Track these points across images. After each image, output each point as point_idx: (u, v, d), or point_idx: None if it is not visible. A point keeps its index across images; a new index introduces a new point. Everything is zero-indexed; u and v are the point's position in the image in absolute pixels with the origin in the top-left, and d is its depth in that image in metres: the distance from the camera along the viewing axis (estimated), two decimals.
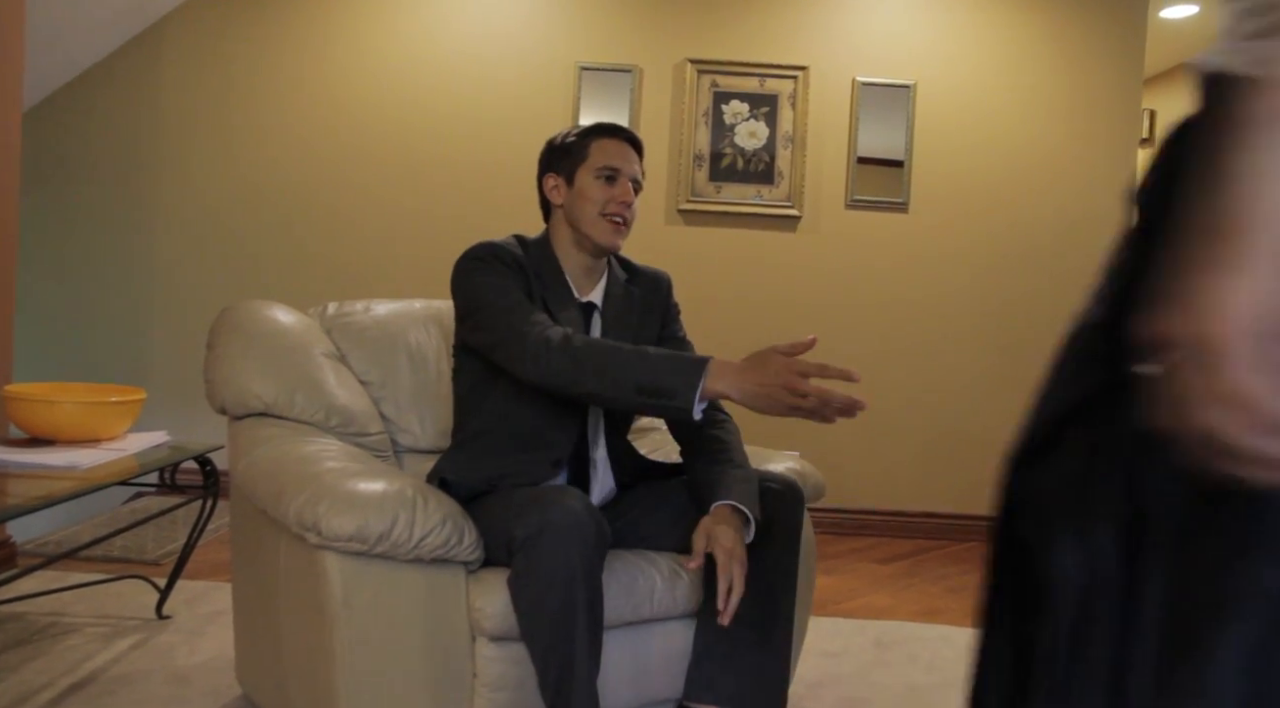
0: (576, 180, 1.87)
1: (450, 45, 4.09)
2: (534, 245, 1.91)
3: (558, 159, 1.91)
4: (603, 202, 1.83)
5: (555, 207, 1.92)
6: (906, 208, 4.13)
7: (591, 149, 1.87)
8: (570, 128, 1.95)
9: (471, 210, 4.11)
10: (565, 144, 1.90)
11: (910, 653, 2.65)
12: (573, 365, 1.61)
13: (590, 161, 1.86)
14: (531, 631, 1.52)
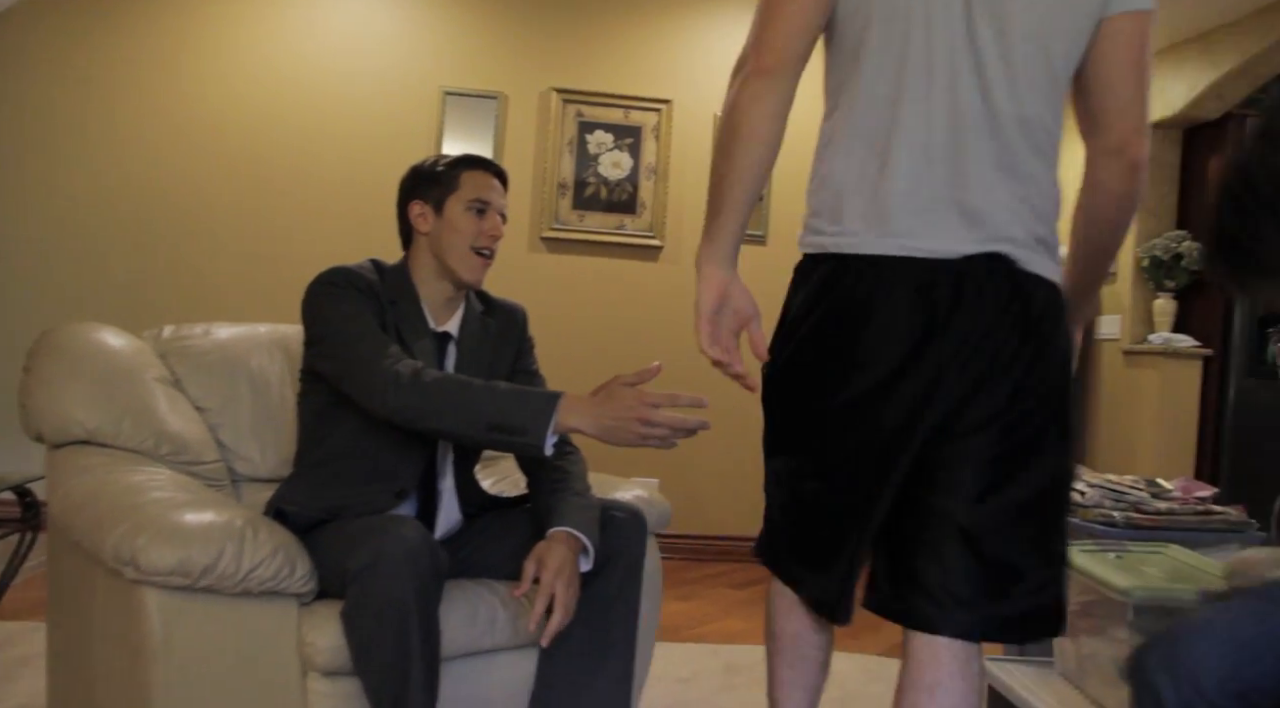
0: (446, 210, 1.84)
1: (312, 63, 4.01)
2: (391, 272, 1.86)
3: (425, 187, 1.87)
4: (473, 235, 1.82)
5: (419, 234, 1.87)
6: (765, 241, 4.25)
7: (462, 180, 1.85)
8: (436, 156, 1.91)
9: (328, 232, 4.02)
10: (434, 172, 1.87)
11: (758, 677, 2.69)
12: (423, 401, 1.58)
13: (461, 192, 1.84)
14: (365, 665, 1.49)
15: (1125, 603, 1.67)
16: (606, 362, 4.13)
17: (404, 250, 1.93)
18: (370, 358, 1.64)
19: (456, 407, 1.57)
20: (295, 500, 1.74)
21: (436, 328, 1.87)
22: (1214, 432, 4.71)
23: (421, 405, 1.58)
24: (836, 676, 2.72)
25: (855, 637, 3.18)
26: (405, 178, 1.92)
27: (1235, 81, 4.56)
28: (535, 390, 1.63)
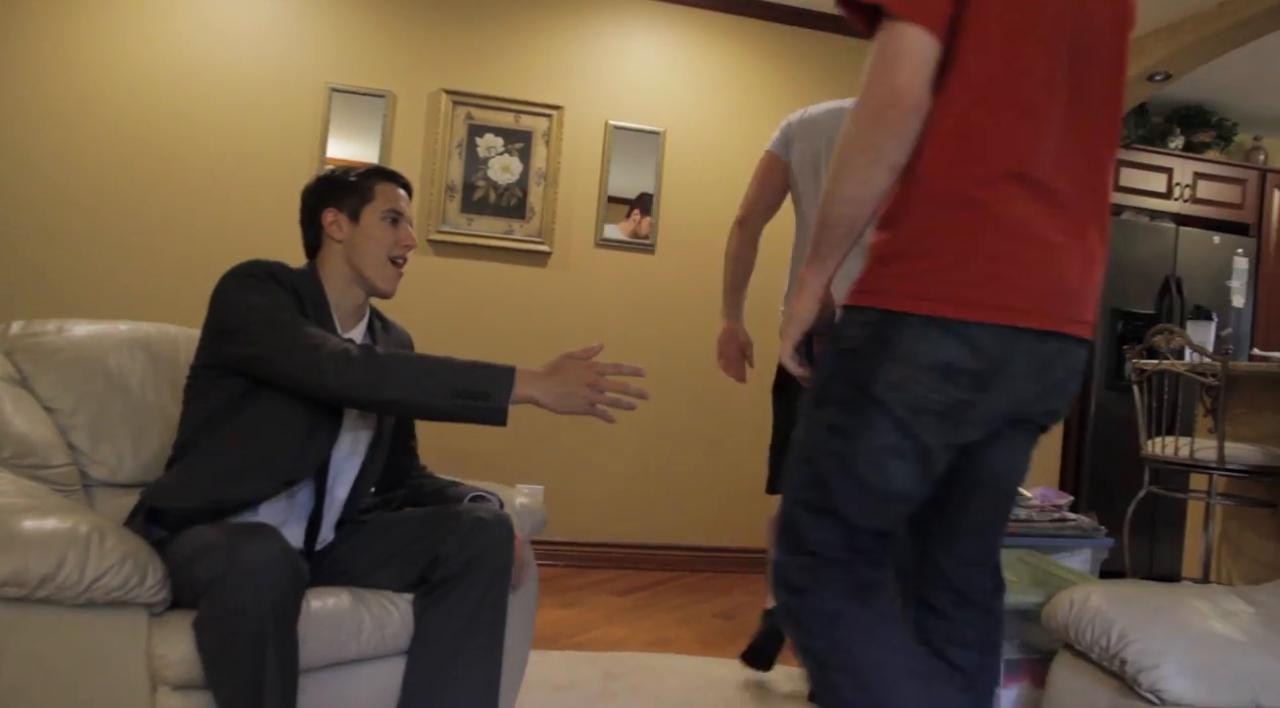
0: (362, 219, 1.85)
1: (193, 51, 3.86)
2: (300, 277, 1.83)
3: (340, 195, 1.87)
4: (389, 244, 1.86)
5: (333, 242, 1.86)
6: (653, 249, 4.28)
7: (377, 191, 1.87)
8: (345, 168, 1.92)
9: (206, 227, 3.87)
10: (348, 182, 1.87)
11: (636, 683, 2.71)
12: (377, 374, 1.60)
13: (376, 203, 1.86)
14: (217, 679, 1.43)
15: None
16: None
17: (309, 257, 1.91)
18: (309, 340, 1.64)
19: (417, 376, 1.60)
20: (176, 495, 1.67)
21: (343, 335, 1.86)
22: (1076, 442, 4.96)
23: (376, 380, 1.60)
24: (715, 682, 2.75)
25: (736, 644, 3.22)
26: (315, 186, 1.91)
27: None
28: (492, 364, 1.65)
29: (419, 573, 1.75)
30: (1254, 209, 5.34)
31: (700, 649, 3.11)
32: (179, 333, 2.24)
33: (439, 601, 1.70)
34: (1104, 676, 1.49)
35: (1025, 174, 1.23)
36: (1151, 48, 4.33)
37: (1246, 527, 3.61)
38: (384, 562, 1.79)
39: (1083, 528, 2.37)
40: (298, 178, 3.96)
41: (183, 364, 2.17)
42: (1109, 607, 1.50)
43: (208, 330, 1.79)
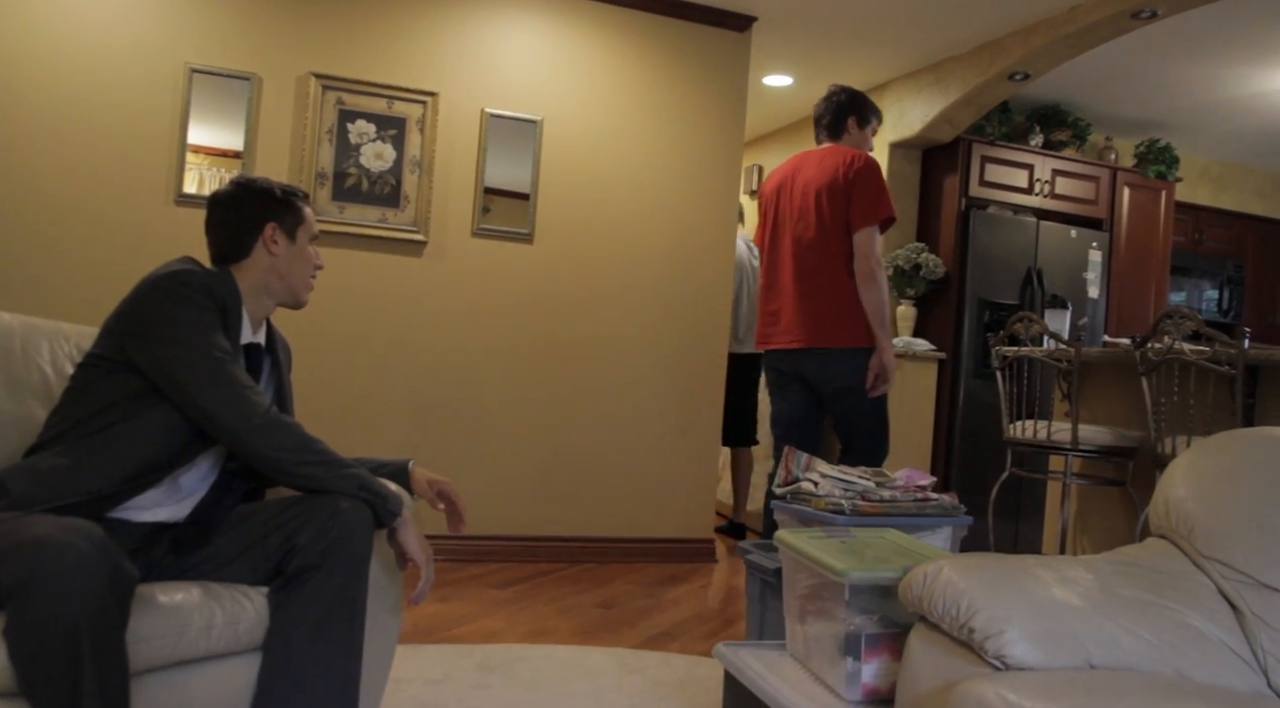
0: (298, 239, 1.95)
1: (35, 27, 3.62)
2: (218, 280, 1.84)
3: (280, 212, 1.93)
4: (312, 264, 1.98)
5: (267, 255, 1.91)
6: (532, 239, 4.25)
7: (306, 214, 1.98)
8: (272, 182, 1.96)
9: (53, 216, 3.65)
10: (286, 201, 1.95)
11: (512, 674, 2.68)
12: (302, 448, 1.71)
13: (306, 226, 1.97)
14: (30, 690, 1.34)
15: (843, 584, 1.77)
16: (368, 357, 4.00)
17: (223, 264, 1.92)
18: (243, 391, 1.70)
19: (332, 464, 1.72)
20: (34, 480, 1.62)
21: (249, 339, 1.91)
22: (947, 425, 5.14)
23: (300, 451, 1.71)
24: (592, 670, 2.75)
25: (615, 632, 3.22)
26: (257, 197, 1.93)
27: (962, 109, 5.00)
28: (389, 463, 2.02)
29: (275, 564, 1.68)
30: (1106, 205, 5.64)
31: (578, 639, 3.10)
32: (14, 321, 2.10)
33: (294, 593, 1.64)
34: (955, 645, 1.54)
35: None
36: (1010, 48, 4.52)
37: (1099, 505, 3.80)
38: (239, 553, 1.72)
39: (944, 507, 2.45)
40: (156, 163, 3.77)
41: (18, 354, 2.04)
42: (958, 578, 1.54)
43: (121, 324, 1.75)
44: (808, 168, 3.36)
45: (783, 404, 3.47)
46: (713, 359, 4.56)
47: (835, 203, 3.21)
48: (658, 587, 3.93)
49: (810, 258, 3.27)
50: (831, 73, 5.22)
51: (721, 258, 4.58)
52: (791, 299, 3.31)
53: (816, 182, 3.27)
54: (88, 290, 3.65)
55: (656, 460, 4.44)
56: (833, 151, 3.34)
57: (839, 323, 3.21)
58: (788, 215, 3.36)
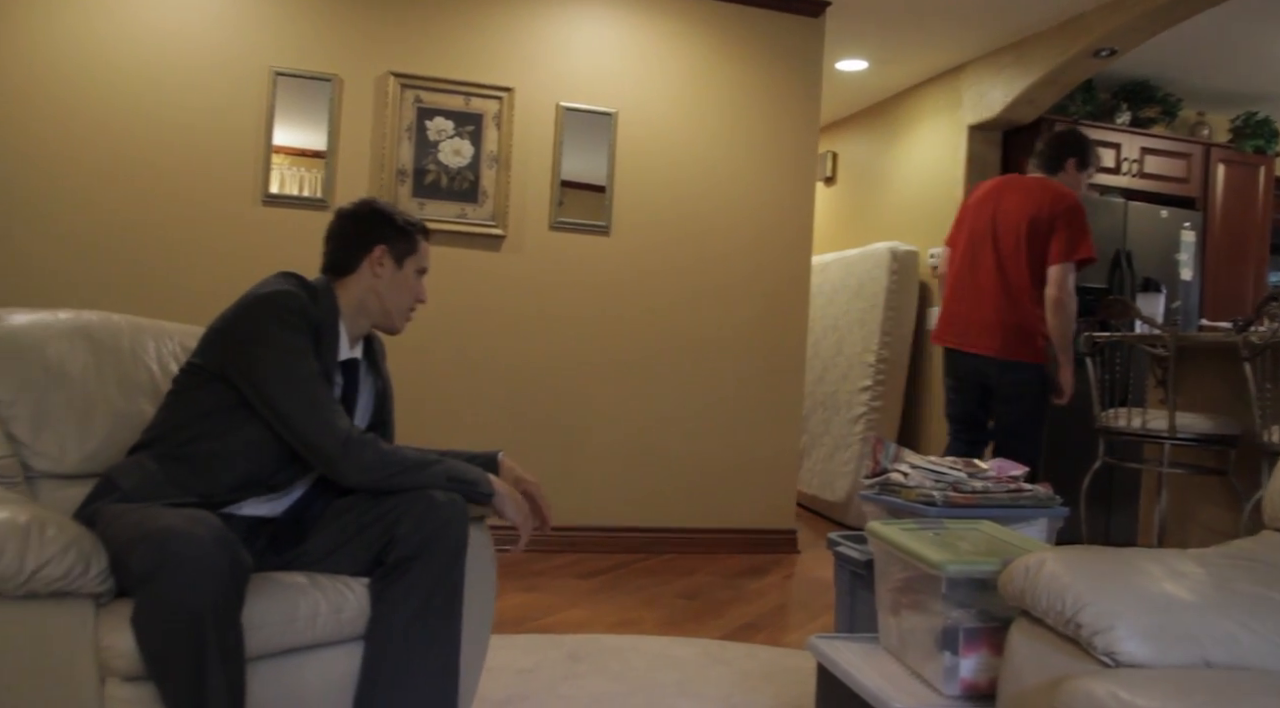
0: (405, 267, 1.97)
1: (129, 37, 3.75)
2: (320, 296, 1.88)
3: (393, 236, 1.95)
4: (414, 296, 2.01)
5: (371, 276, 1.93)
6: (608, 231, 4.26)
7: (420, 246, 2.00)
8: (393, 209, 1.99)
9: (148, 218, 3.78)
10: (403, 228, 1.97)
11: (600, 664, 2.70)
12: (385, 465, 1.74)
13: (416, 257, 1.99)
14: (159, 674, 1.41)
15: (940, 577, 1.74)
16: (450, 350, 4.06)
17: (331, 275, 1.96)
18: (331, 419, 1.74)
19: (418, 468, 1.76)
20: (143, 480, 1.70)
21: (346, 355, 1.93)
22: None
23: (383, 466, 1.75)
24: (679, 661, 2.76)
25: (700, 622, 3.22)
26: (372, 217, 1.97)
27: (1044, 89, 4.86)
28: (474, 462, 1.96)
29: (374, 556, 1.72)
30: (1199, 183, 5.44)
31: (664, 630, 3.11)
32: (123, 321, 2.18)
33: (395, 583, 1.68)
34: (1060, 641, 1.50)
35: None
36: (1095, 23, 4.38)
37: (1198, 495, 3.68)
38: (339, 546, 1.76)
39: (1039, 498, 2.40)
40: (243, 164, 3.88)
41: (126, 352, 2.12)
42: (1063, 572, 1.51)
43: (220, 339, 1.80)
44: (1016, 192, 3.55)
45: (961, 403, 3.67)
46: (793, 347, 4.52)
47: (1037, 233, 3.44)
48: (740, 578, 3.92)
49: (1010, 279, 3.49)
50: (907, 56, 5.13)
51: (800, 246, 4.53)
52: (988, 311, 3.52)
53: (1025, 209, 3.48)
54: (183, 288, 3.78)
55: (737, 450, 4.42)
56: (1043, 184, 3.52)
57: (1024, 339, 3.46)
58: (989, 231, 3.56)
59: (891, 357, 5.18)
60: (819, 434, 5.54)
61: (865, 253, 5.46)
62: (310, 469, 1.83)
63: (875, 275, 5.27)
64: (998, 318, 3.49)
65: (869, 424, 5.13)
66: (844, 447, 5.24)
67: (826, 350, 5.62)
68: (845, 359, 5.42)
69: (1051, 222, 3.41)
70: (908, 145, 5.67)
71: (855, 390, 5.25)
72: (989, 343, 3.50)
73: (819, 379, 5.62)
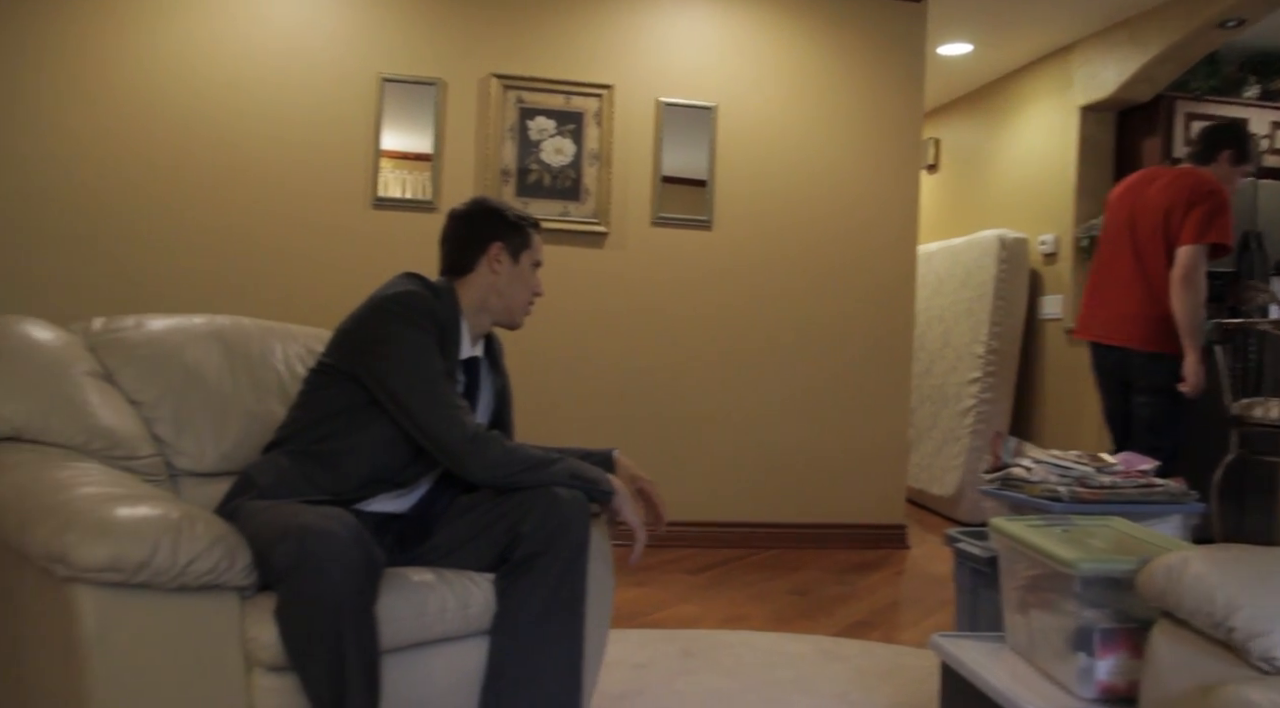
0: (521, 262, 2.00)
1: (245, 49, 3.90)
2: (442, 295, 1.92)
3: (509, 233, 1.99)
4: (532, 289, 2.03)
5: (489, 273, 1.97)
6: (710, 226, 4.25)
7: (533, 240, 2.02)
8: (505, 205, 2.03)
9: (263, 223, 3.93)
10: (516, 224, 2.00)
11: (714, 660, 2.70)
12: (510, 462, 1.77)
13: (531, 251, 2.02)
14: (301, 664, 1.46)
15: (1073, 576, 1.69)
16: (557, 348, 4.11)
17: (449, 275, 2.00)
18: (458, 416, 1.77)
19: (540, 466, 1.78)
20: (278, 477, 1.77)
21: (468, 354, 1.97)
22: None
23: (508, 464, 1.77)
24: (793, 657, 2.74)
25: (811, 619, 3.19)
26: (487, 215, 2.00)
27: (1163, 65, 4.65)
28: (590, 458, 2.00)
29: (499, 552, 1.75)
30: None
31: (775, 626, 3.09)
32: (252, 325, 2.27)
33: (520, 579, 1.70)
34: (1209, 645, 1.43)
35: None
36: None
37: None
38: (464, 543, 1.80)
39: (1172, 493, 2.30)
40: (353, 169, 3.99)
41: (256, 355, 2.20)
42: (1211, 572, 1.44)
43: (348, 339, 1.86)
44: (1158, 182, 3.49)
45: (1108, 401, 3.65)
46: (900, 339, 4.44)
47: (1173, 222, 3.37)
48: (850, 574, 3.87)
49: (1148, 269, 3.43)
50: (1014, 37, 4.97)
51: (905, 235, 4.44)
52: (1127, 303, 3.48)
53: (1164, 198, 3.40)
54: (297, 291, 3.91)
55: (844, 444, 4.37)
56: (1188, 173, 3.43)
57: (1164, 329, 3.38)
58: (1128, 222, 3.50)
59: (1002, 348, 5.03)
60: (926, 428, 5.42)
61: (972, 241, 5.32)
62: (435, 466, 1.88)
63: (983, 264, 5.12)
64: (1137, 309, 3.43)
65: (979, 417, 5.00)
66: (953, 440, 5.12)
67: (932, 342, 5.50)
68: (953, 351, 5.29)
69: (1189, 206, 3.31)
70: (1015, 129, 5.50)
71: (964, 383, 5.12)
72: (1129, 334, 3.44)
73: (925, 372, 5.50)
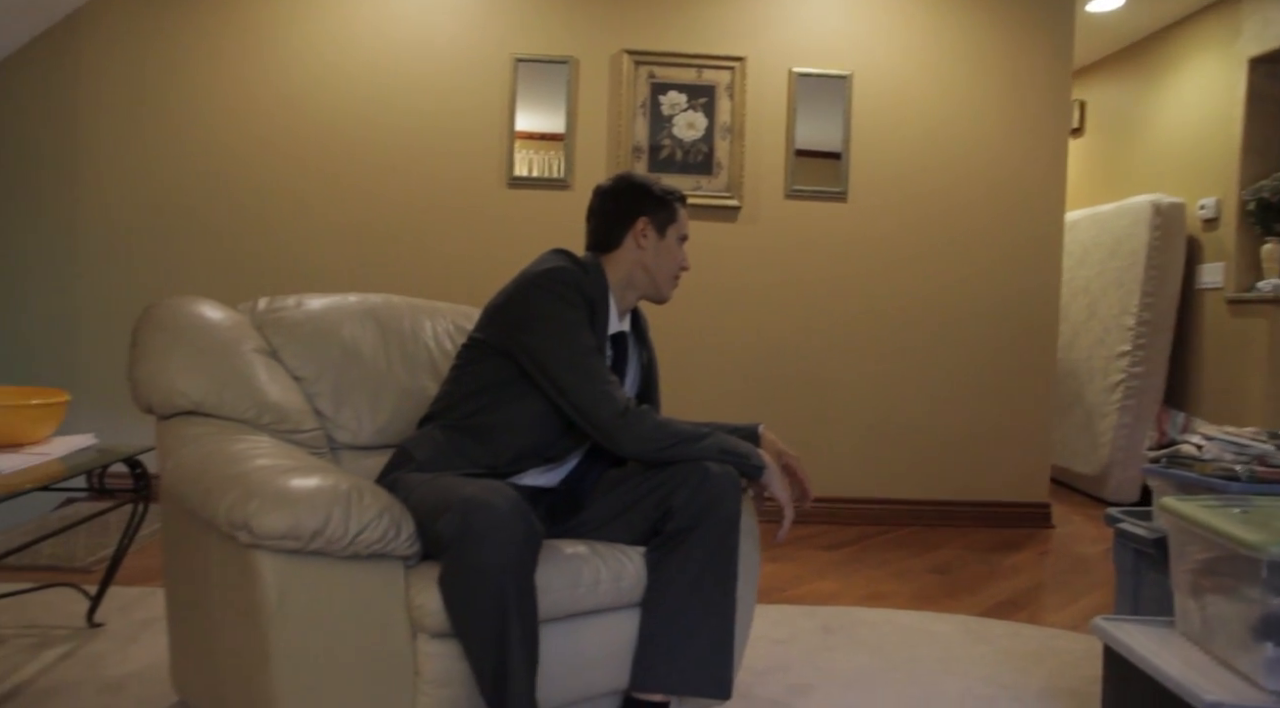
0: (667, 236, 2.00)
1: (384, 37, 4.02)
2: (590, 270, 1.94)
3: (654, 207, 1.99)
4: (680, 262, 2.02)
5: (636, 248, 1.98)
6: (845, 197, 4.15)
7: (679, 214, 2.02)
8: (650, 180, 2.02)
9: (407, 203, 4.05)
10: (662, 198, 1.99)
11: (855, 637, 2.67)
12: (661, 436, 1.77)
13: (678, 225, 2.01)
14: (463, 631, 1.50)
15: (1259, 560, 1.59)
16: (693, 323, 4.10)
17: (596, 251, 2.01)
18: (610, 390, 1.78)
19: (690, 440, 1.78)
20: (434, 450, 1.83)
21: (615, 329, 1.98)
22: None
23: (660, 438, 1.78)
24: (938, 637, 2.68)
25: (954, 598, 3.12)
26: (633, 191, 2.00)
27: None
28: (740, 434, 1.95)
29: (651, 525, 1.77)
30: None
31: (916, 604, 3.03)
32: (401, 302, 2.35)
33: (672, 552, 1.71)
34: None
35: None
36: None
37: None
38: (616, 515, 1.82)
39: None
40: (489, 150, 4.06)
41: (408, 332, 2.28)
42: None
43: (501, 314, 1.88)
44: None
45: None
46: (1044, 311, 4.25)
47: None
48: (992, 553, 3.76)
49: None
50: None
51: (1051, 203, 4.25)
52: None
53: None
54: (437, 268, 4.03)
55: (984, 420, 4.23)
56: None
57: None
58: None
59: (1154, 319, 4.77)
60: (1069, 403, 5.20)
61: (1121, 208, 5.04)
62: (585, 440, 1.90)
63: (1134, 232, 4.85)
64: None
65: (1128, 392, 4.76)
66: (1099, 416, 4.89)
67: (1076, 314, 5.25)
68: (1099, 323, 5.04)
69: None
70: (1171, 86, 5.17)
71: (1112, 356, 4.88)
72: None
73: (1068, 345, 5.27)
